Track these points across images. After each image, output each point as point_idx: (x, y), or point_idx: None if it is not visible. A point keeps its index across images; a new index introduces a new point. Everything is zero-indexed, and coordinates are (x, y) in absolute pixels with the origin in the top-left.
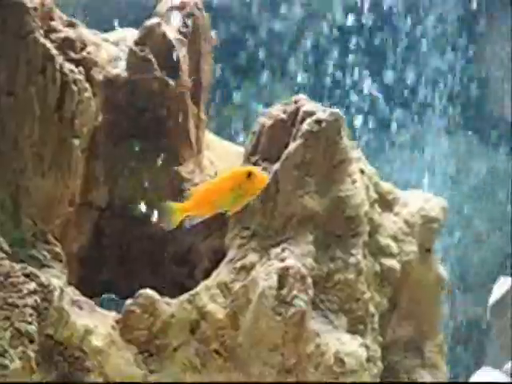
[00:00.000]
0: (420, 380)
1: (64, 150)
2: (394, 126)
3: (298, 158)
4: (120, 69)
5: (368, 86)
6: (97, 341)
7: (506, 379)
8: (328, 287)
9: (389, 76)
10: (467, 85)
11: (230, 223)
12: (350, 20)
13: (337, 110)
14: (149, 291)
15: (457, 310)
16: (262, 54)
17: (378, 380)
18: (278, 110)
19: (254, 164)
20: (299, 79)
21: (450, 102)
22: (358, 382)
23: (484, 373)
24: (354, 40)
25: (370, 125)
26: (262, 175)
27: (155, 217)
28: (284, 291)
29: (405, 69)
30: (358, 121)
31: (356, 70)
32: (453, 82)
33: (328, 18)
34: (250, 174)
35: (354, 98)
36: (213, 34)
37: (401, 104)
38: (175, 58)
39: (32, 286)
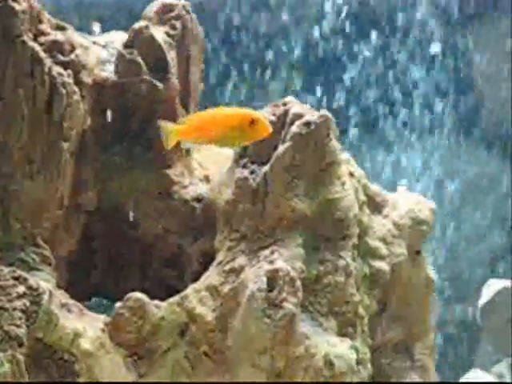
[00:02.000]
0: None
1: (53, 153)
2: (383, 128)
3: (287, 161)
4: (108, 72)
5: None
6: (86, 344)
7: (495, 381)
8: (317, 290)
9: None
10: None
11: (218, 226)
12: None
13: (326, 112)
14: (138, 294)
15: (447, 312)
16: (251, 58)
17: (367, 382)
18: (267, 113)
19: (244, 167)
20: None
21: (439, 106)
22: (352, 382)
23: (473, 374)
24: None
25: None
26: (265, 125)
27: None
28: (273, 294)
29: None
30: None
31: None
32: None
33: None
34: (253, 121)
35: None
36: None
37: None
38: (164, 61)
39: (21, 289)
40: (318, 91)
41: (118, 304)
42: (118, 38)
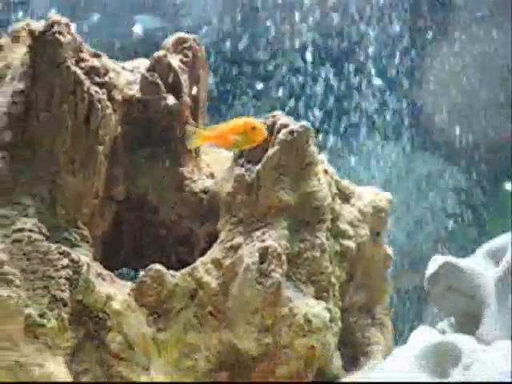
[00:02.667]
0: (370, 335)
1: (90, 155)
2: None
3: (275, 161)
4: (134, 90)
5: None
6: (116, 305)
7: (439, 335)
8: (298, 263)
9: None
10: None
11: (221, 212)
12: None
13: (305, 123)
14: (157, 266)
15: (401, 281)
16: (245, 81)
17: (337, 336)
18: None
19: (241, 166)
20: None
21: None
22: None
23: (422, 330)
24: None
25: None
26: (262, 131)
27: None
28: (264, 266)
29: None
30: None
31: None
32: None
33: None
34: (254, 128)
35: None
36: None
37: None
38: (178, 83)
39: (65, 261)
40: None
41: (142, 273)
42: (142, 63)
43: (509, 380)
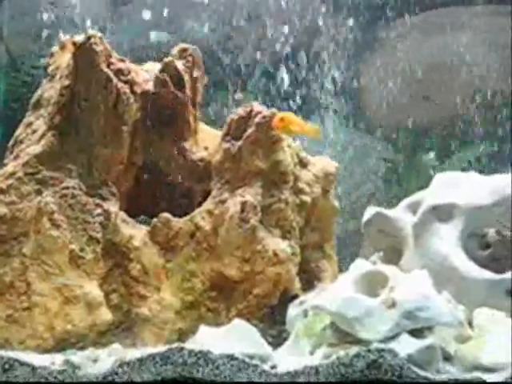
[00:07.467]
0: (321, 265)
1: (117, 132)
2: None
3: (253, 138)
4: (150, 86)
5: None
6: (136, 242)
7: (371, 265)
8: (269, 213)
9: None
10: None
11: (212, 175)
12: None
13: (274, 110)
14: (166, 214)
15: (345, 225)
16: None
17: (297, 265)
18: (240, 110)
19: (228, 141)
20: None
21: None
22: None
23: (358, 262)
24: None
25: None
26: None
27: None
28: (244, 214)
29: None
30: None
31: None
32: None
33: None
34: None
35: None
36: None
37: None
38: (182, 81)
39: (99, 211)
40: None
41: (155, 220)
42: (156, 66)
43: (421, 298)
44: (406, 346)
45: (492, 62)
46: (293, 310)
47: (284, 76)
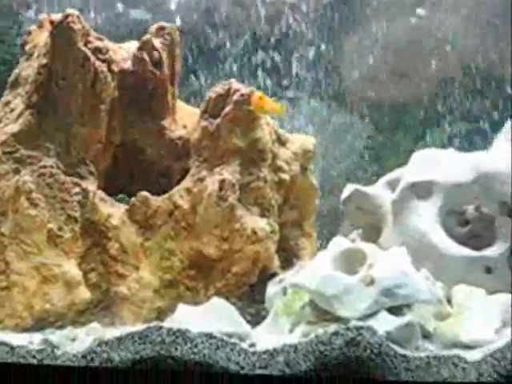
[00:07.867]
0: (300, 243)
1: (95, 111)
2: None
3: (231, 116)
4: (128, 65)
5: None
6: (114, 221)
7: (350, 243)
8: (247, 191)
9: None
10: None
11: (191, 153)
12: None
13: (252, 88)
14: (144, 192)
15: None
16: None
17: (276, 243)
18: (219, 88)
19: (206, 119)
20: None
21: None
22: None
23: (337, 240)
24: None
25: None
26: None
27: None
28: (222, 193)
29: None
30: None
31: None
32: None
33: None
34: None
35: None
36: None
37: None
38: (160, 59)
39: (77, 189)
40: None
41: (133, 198)
42: (134, 45)
43: (400, 275)
44: (384, 324)
45: (469, 39)
46: (272, 288)
47: (261, 54)
